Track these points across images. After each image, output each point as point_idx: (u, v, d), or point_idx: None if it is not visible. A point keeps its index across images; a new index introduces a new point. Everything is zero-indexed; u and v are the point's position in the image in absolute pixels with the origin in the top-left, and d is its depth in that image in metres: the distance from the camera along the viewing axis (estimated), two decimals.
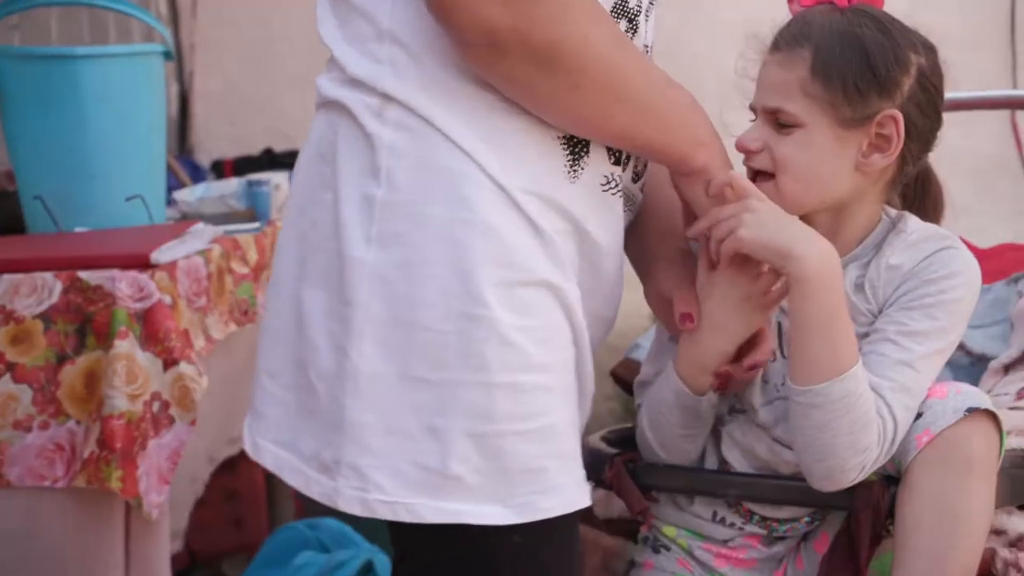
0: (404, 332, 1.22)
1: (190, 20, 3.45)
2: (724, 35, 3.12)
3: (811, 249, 1.34)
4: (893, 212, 1.49)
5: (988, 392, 1.71)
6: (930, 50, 1.44)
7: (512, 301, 1.22)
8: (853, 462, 1.37)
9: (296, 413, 1.30)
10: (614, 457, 1.55)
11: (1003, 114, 3.16)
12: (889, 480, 1.43)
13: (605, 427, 1.70)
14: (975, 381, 1.81)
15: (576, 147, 1.29)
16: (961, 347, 1.87)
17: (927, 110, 1.43)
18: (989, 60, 3.20)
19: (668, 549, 1.55)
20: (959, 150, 3.24)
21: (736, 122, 1.47)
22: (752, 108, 1.44)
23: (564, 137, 1.28)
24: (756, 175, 1.42)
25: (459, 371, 1.20)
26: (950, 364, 1.83)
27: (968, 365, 1.87)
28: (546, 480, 1.25)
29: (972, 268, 1.44)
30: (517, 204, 1.24)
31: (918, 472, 1.38)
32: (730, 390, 1.48)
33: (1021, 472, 1.51)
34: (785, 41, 1.40)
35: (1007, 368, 1.77)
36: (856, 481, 1.40)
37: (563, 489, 1.26)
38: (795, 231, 1.35)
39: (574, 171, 1.29)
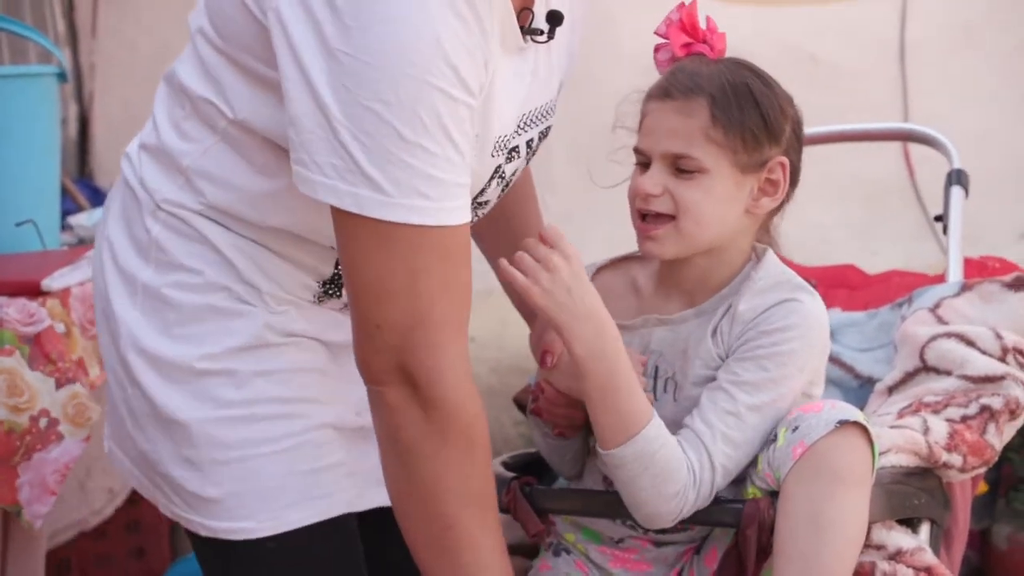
0: (160, 382, 1.44)
1: (89, 40, 3.39)
2: (630, 67, 3.20)
3: (581, 329, 1.43)
4: (759, 247, 1.57)
5: (873, 413, 1.79)
6: (792, 101, 1.54)
7: (254, 355, 1.44)
8: (664, 509, 1.46)
9: (121, 425, 1.50)
10: (511, 481, 1.61)
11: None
12: (775, 495, 1.48)
13: (516, 450, 1.75)
14: (862, 403, 1.87)
15: (329, 288, 1.46)
16: (850, 370, 1.93)
17: (799, 155, 1.54)
18: (880, 89, 3.30)
19: (568, 552, 1.62)
20: (853, 176, 3.34)
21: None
22: (639, 151, 1.52)
23: (322, 282, 1.46)
24: (645, 217, 1.51)
25: (203, 410, 1.41)
26: (840, 386, 1.93)
27: (856, 388, 1.92)
28: (294, 495, 1.44)
29: (811, 321, 1.49)
30: (264, 303, 1.45)
31: (792, 484, 1.44)
32: (546, 418, 1.59)
33: (900, 488, 1.58)
34: (678, 90, 1.48)
35: (891, 389, 1.81)
36: (676, 521, 1.48)
37: (312, 503, 1.45)
38: (575, 308, 1.43)
39: (320, 304, 1.48)
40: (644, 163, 1.52)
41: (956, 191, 2.01)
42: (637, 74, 1.55)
